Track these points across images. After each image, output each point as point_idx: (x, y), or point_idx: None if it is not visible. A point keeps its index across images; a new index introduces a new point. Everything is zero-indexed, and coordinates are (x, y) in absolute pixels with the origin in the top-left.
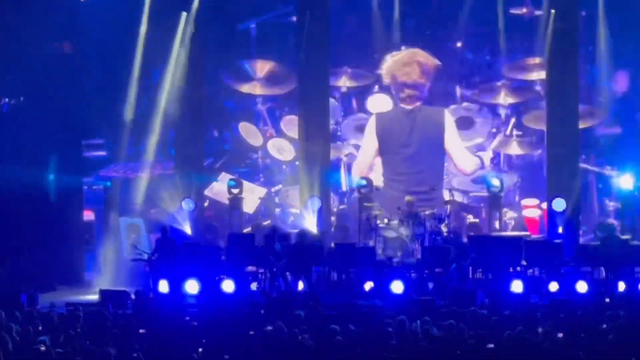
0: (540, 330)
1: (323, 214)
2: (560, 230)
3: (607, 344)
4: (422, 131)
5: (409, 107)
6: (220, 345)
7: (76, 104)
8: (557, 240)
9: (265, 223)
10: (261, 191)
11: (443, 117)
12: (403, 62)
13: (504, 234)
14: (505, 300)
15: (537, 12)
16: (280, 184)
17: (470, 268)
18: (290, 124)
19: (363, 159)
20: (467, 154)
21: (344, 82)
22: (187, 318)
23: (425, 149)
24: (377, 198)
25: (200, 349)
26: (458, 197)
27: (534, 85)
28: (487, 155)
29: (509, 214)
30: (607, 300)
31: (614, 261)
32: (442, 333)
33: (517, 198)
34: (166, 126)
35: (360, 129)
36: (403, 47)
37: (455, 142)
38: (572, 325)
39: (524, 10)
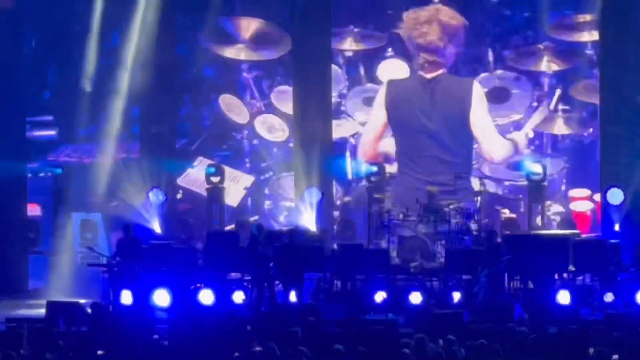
0: (591, 351)
1: (324, 208)
2: (616, 227)
3: None
4: (444, 105)
5: (429, 75)
6: None
7: (18, 72)
8: (614, 241)
9: (252, 219)
10: (247, 180)
11: (471, 89)
12: (421, 19)
13: (547, 232)
14: (549, 314)
15: None
16: (271, 171)
17: (506, 275)
18: (283, 97)
19: (368, 138)
20: (497, 136)
21: (349, 45)
22: (156, 336)
23: (449, 127)
24: (391, 188)
25: None
26: (491, 187)
27: (584, 49)
28: (524, 136)
29: (554, 208)
30: None
31: None
32: (470, 355)
33: (563, 188)
34: (130, 100)
35: (370, 102)
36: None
37: (483, 122)
38: (631, 345)
39: None
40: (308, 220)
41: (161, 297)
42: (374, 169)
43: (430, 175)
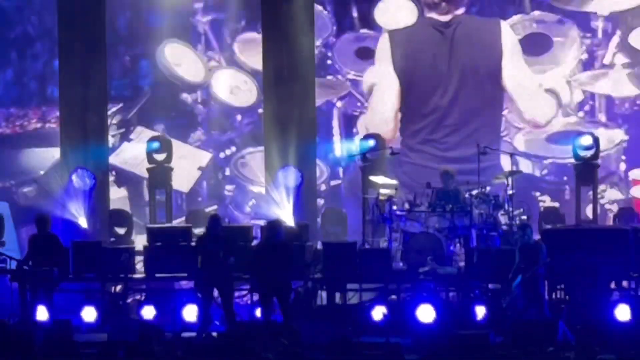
0: None
1: (303, 195)
2: None
3: None
4: (465, 56)
5: (444, 17)
6: None
7: None
8: None
9: (209, 209)
10: (202, 158)
11: (499, 31)
12: None
13: (601, 226)
14: (604, 334)
15: None
16: (234, 145)
17: (546, 283)
18: (250, 48)
19: (382, 111)
20: (541, 93)
21: None
22: None
23: (471, 86)
24: (393, 168)
25: None
26: (525, 167)
27: None
28: (569, 95)
29: (610, 194)
30: None
31: None
32: None
33: (622, 168)
34: (45, 51)
35: (364, 53)
36: None
37: (520, 73)
38: None
39: None
40: (283, 211)
41: (88, 314)
42: (370, 142)
43: (446, 151)
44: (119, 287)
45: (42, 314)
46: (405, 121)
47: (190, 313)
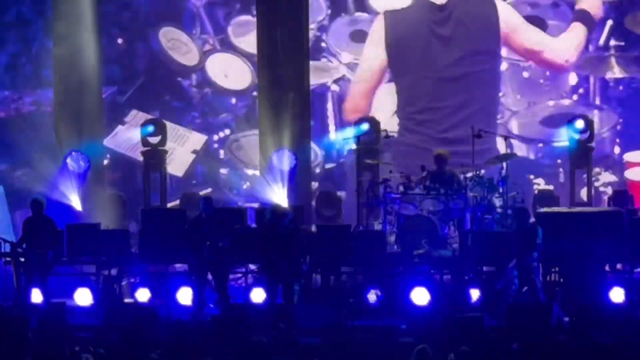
0: None
1: (298, 178)
2: None
3: None
4: (462, 37)
5: (439, 0)
6: None
7: None
8: None
9: (203, 192)
10: (197, 140)
11: (495, 9)
12: None
13: (595, 209)
14: (599, 317)
15: None
16: (228, 128)
17: (541, 266)
18: (244, 31)
19: (361, 88)
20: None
21: None
22: (77, 348)
23: (469, 67)
24: (388, 151)
25: None
26: (520, 150)
27: None
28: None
29: (604, 177)
30: None
31: None
32: None
33: (616, 151)
34: (38, 31)
35: (359, 37)
36: None
37: (534, 34)
38: None
39: None
40: (277, 194)
41: (82, 296)
42: (365, 126)
43: (441, 133)
44: (113, 270)
45: (36, 296)
46: (402, 102)
47: (184, 296)
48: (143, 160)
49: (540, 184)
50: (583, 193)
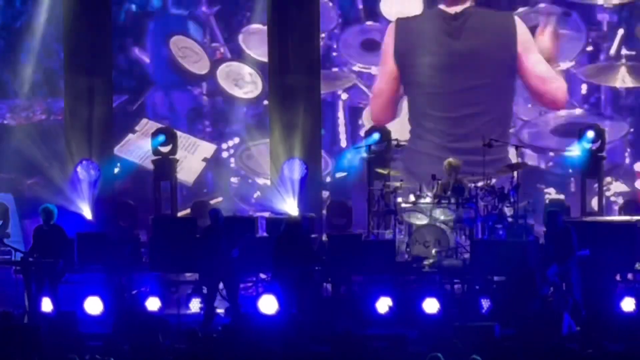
0: None
1: (308, 187)
2: None
3: None
4: (476, 48)
5: (453, 9)
6: None
7: None
8: None
9: (213, 201)
10: (207, 149)
11: (513, 25)
12: None
13: (606, 218)
14: (610, 327)
15: None
16: (238, 137)
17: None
18: (255, 39)
19: (379, 101)
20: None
21: None
22: (87, 357)
23: (482, 79)
24: (399, 160)
25: None
26: (531, 160)
27: None
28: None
29: (615, 187)
30: None
31: None
32: None
33: (627, 160)
34: (51, 40)
35: (370, 46)
36: None
37: (542, 66)
38: None
39: None
40: (287, 203)
41: (93, 305)
42: (376, 136)
43: (452, 142)
44: (123, 279)
45: (47, 305)
46: (413, 111)
47: (195, 305)
48: (154, 169)
49: (551, 193)
50: (594, 203)
